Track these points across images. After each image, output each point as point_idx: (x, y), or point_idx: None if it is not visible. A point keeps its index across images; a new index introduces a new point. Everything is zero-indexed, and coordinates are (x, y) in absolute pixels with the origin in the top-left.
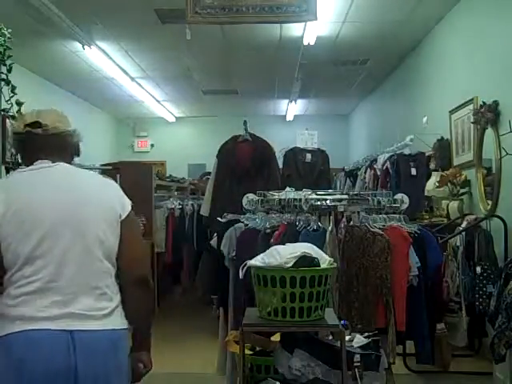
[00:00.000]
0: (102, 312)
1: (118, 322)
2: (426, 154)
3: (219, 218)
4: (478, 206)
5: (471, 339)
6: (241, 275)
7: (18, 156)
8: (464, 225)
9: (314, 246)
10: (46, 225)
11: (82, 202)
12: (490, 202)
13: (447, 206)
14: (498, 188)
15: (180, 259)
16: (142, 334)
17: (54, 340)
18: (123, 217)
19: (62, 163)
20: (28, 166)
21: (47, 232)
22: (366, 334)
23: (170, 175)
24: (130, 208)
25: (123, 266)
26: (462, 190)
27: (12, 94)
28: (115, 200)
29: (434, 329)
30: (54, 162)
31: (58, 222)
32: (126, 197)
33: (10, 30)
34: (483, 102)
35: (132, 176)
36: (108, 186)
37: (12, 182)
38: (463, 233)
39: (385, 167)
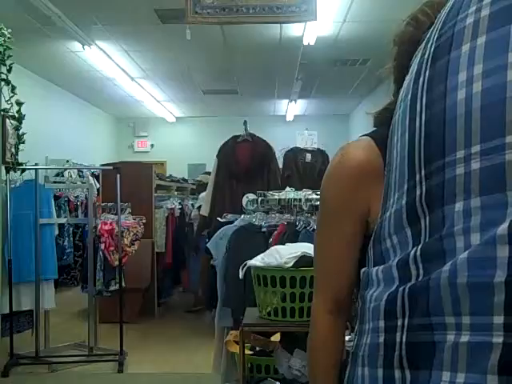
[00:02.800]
0: None
1: None
2: None
3: (219, 218)
4: None
5: None
6: (241, 275)
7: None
8: None
9: None
10: None
11: None
12: None
13: None
14: None
15: (180, 259)
16: None
17: None
18: None
19: None
20: None
21: None
22: None
23: (170, 175)
24: None
25: None
26: None
27: (12, 94)
28: None
29: None
30: None
31: None
32: None
33: (9, 30)
34: None
35: (132, 176)
36: None
37: None
38: None
39: None
